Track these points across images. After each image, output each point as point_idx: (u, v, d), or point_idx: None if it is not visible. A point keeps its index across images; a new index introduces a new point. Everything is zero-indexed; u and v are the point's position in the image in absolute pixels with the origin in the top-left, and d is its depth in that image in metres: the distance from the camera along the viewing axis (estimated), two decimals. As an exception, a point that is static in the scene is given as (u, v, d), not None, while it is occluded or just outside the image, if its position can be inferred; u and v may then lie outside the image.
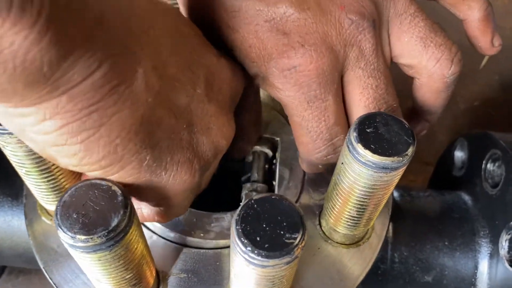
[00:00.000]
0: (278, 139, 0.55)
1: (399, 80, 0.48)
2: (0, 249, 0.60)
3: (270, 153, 0.56)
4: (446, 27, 0.48)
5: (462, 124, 0.94)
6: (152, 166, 0.35)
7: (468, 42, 0.48)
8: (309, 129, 0.42)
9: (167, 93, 0.34)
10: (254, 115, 0.49)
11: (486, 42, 0.47)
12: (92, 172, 0.34)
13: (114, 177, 0.34)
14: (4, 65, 0.24)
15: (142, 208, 0.40)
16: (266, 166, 0.56)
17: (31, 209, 0.49)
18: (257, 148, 0.55)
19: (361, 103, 0.42)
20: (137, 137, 0.33)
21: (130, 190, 0.35)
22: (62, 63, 0.26)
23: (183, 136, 0.36)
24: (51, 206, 0.45)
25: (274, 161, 0.55)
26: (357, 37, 0.41)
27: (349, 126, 0.44)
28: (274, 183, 0.53)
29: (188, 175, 0.37)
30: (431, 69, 0.44)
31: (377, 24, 0.42)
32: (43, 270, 0.46)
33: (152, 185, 0.36)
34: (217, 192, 0.53)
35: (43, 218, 0.49)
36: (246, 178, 0.55)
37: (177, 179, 0.36)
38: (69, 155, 0.32)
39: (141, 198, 0.38)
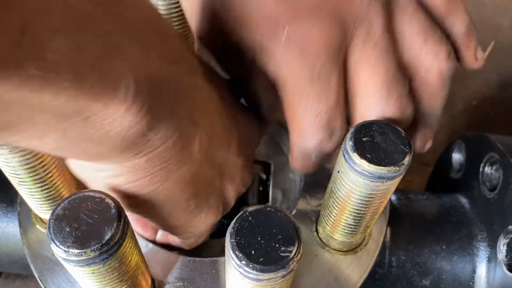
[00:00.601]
0: (271, 162, 0.56)
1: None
2: (-5, 255, 0.59)
3: (264, 176, 0.56)
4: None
5: (461, 124, 0.94)
6: (193, 211, 0.40)
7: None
8: (308, 108, 0.39)
9: (212, 151, 0.38)
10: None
11: (470, 56, 0.47)
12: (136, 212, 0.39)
13: (157, 219, 0.39)
14: (108, 141, 0.29)
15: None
16: (261, 188, 0.56)
17: (26, 217, 0.49)
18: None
19: (368, 89, 0.39)
20: (189, 189, 0.37)
21: (160, 225, 0.42)
22: (151, 133, 0.31)
23: (216, 184, 0.41)
24: (45, 215, 0.44)
25: (268, 183, 0.56)
26: (367, 14, 0.38)
27: (349, 117, 0.41)
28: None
29: (214, 217, 0.42)
30: (428, 64, 0.42)
31: (388, 8, 0.40)
32: (38, 279, 0.45)
33: (184, 225, 0.41)
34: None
35: (38, 226, 0.48)
36: (241, 199, 0.55)
37: (206, 221, 0.41)
38: (131, 203, 0.36)
39: (169, 232, 0.43)
